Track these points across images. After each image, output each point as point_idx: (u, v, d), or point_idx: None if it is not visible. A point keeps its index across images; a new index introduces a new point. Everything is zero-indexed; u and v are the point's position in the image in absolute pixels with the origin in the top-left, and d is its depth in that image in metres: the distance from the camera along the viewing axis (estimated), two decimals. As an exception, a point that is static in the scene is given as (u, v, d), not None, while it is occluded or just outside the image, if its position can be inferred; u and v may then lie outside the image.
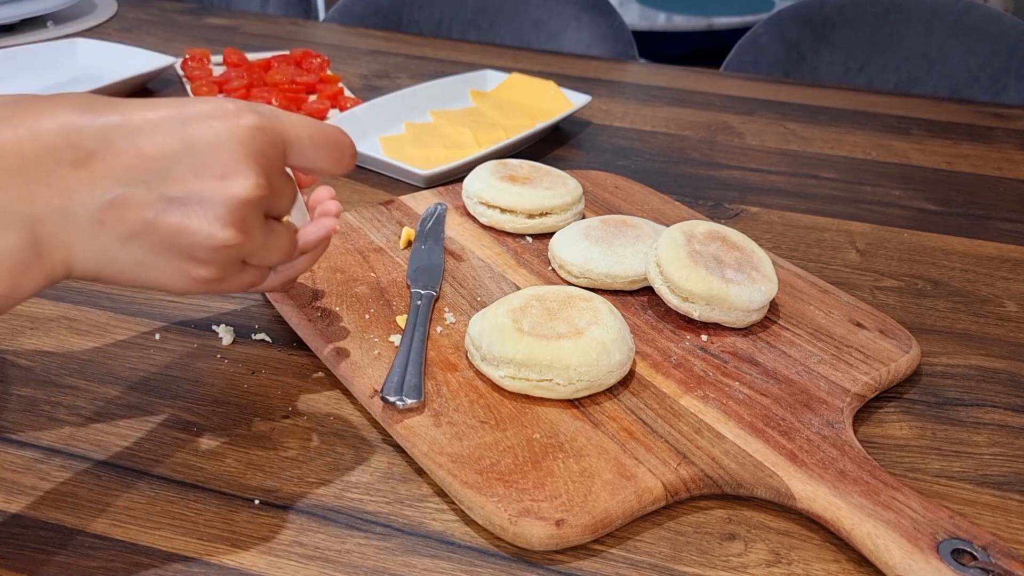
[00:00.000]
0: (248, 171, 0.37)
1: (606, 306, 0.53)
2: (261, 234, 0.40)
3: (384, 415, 0.49)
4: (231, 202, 0.37)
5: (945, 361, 0.60)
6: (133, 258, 0.37)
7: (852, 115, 1.06)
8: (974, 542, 0.41)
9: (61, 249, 0.36)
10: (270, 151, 0.39)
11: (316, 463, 0.48)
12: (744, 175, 0.88)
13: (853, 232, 0.77)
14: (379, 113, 0.90)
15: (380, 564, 0.42)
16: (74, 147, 0.35)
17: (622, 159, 0.90)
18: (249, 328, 0.58)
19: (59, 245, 0.36)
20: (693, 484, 0.46)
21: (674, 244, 0.57)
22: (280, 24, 1.33)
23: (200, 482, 0.46)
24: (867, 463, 0.46)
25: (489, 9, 1.47)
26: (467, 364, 0.53)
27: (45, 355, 0.55)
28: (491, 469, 0.45)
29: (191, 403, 0.51)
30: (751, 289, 0.56)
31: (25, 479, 0.46)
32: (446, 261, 0.64)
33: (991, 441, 0.52)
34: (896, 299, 0.67)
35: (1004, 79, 1.29)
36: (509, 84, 1.01)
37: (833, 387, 0.52)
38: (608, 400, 0.51)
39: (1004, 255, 0.74)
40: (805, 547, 0.44)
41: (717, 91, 1.12)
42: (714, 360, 0.55)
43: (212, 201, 0.37)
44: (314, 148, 0.41)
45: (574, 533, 0.42)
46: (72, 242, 0.36)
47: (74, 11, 1.30)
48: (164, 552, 0.42)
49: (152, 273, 0.38)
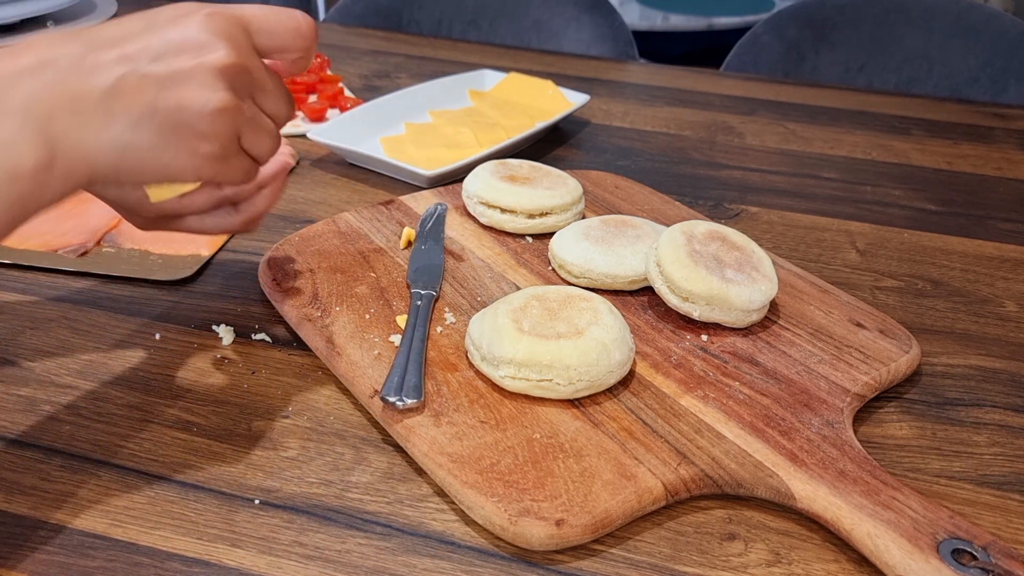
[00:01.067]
0: (220, 42, 0.42)
1: (606, 306, 0.53)
2: (250, 108, 0.44)
3: (384, 415, 0.49)
4: (214, 68, 0.41)
5: (945, 361, 0.60)
6: (146, 141, 0.40)
7: (852, 115, 1.06)
8: (974, 542, 0.41)
9: (77, 144, 0.39)
10: (233, 29, 0.43)
11: (316, 463, 0.48)
12: (744, 175, 0.88)
13: (853, 232, 0.77)
14: (379, 113, 0.90)
15: (380, 564, 0.42)
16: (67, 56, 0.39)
17: (622, 159, 0.90)
18: (249, 328, 0.58)
19: (74, 140, 0.39)
20: (693, 484, 0.46)
21: (674, 244, 0.57)
22: (280, 24, 1.33)
23: (200, 482, 0.46)
24: (867, 463, 0.46)
25: (489, 9, 1.47)
26: (467, 364, 0.53)
27: (45, 355, 0.55)
28: (491, 469, 0.45)
29: (191, 403, 0.51)
30: (751, 289, 0.56)
31: (25, 479, 0.46)
32: (446, 261, 0.64)
33: (991, 441, 0.52)
34: (896, 299, 0.67)
35: (1004, 79, 1.29)
36: (507, 84, 1.01)
37: (833, 387, 0.52)
38: (608, 400, 0.51)
39: (1004, 255, 0.74)
40: (805, 547, 0.44)
41: (717, 91, 1.12)
42: (714, 360, 0.55)
43: (198, 72, 0.41)
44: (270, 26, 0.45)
45: (574, 533, 0.42)
46: (86, 135, 0.39)
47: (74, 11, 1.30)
48: (164, 552, 0.42)
49: (165, 155, 0.41)
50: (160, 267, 0.64)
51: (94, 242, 0.66)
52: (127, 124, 0.40)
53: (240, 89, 0.43)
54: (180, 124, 0.41)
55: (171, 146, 0.41)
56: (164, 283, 0.63)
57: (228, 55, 0.42)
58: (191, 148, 0.42)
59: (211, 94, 0.41)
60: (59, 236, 0.66)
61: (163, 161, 0.42)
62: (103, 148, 0.40)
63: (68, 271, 0.63)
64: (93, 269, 0.63)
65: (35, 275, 0.63)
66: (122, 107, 0.40)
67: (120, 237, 0.67)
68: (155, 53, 0.41)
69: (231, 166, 0.45)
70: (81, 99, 0.39)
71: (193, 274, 0.64)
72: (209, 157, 0.43)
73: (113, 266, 0.64)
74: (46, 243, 0.66)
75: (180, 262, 0.64)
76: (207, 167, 0.43)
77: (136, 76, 0.40)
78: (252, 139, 0.45)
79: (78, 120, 0.39)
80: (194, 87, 0.41)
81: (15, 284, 0.62)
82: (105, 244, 0.66)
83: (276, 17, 0.45)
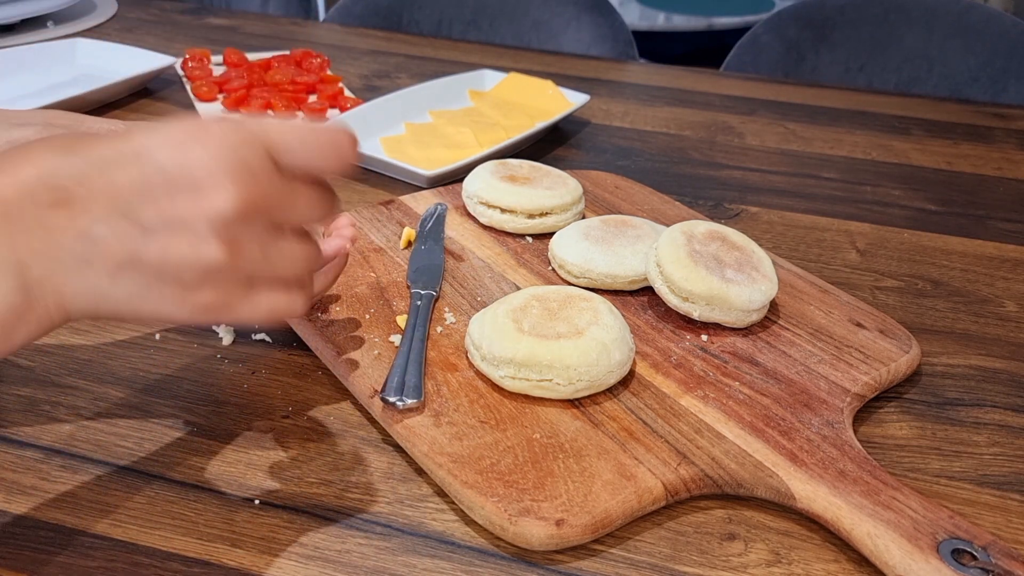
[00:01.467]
0: (225, 182, 0.35)
1: (606, 306, 0.53)
2: (260, 248, 0.37)
3: (384, 415, 0.49)
4: (211, 217, 0.35)
5: (945, 361, 0.60)
6: (126, 292, 0.36)
7: (852, 115, 1.06)
8: (974, 542, 0.41)
9: (53, 293, 0.35)
10: (250, 156, 0.36)
11: (316, 463, 0.48)
12: (744, 175, 0.88)
13: (853, 232, 0.77)
14: (379, 113, 0.90)
15: (380, 564, 0.42)
16: (50, 188, 0.34)
17: (622, 159, 0.90)
18: (249, 328, 0.58)
19: (50, 289, 0.35)
20: (693, 484, 0.46)
21: (674, 244, 0.57)
22: (280, 24, 1.33)
23: (200, 482, 0.46)
24: (867, 463, 0.46)
25: (489, 9, 1.47)
26: (467, 364, 0.53)
27: (45, 355, 0.55)
28: (491, 469, 0.45)
29: (191, 403, 0.51)
30: (751, 289, 0.56)
31: (25, 479, 0.46)
32: (446, 261, 0.64)
33: (991, 441, 0.52)
34: (896, 299, 0.67)
35: (1004, 79, 1.29)
36: (507, 84, 1.01)
37: (833, 387, 0.52)
38: (608, 400, 0.51)
39: (1004, 255, 0.74)
40: (805, 547, 0.44)
41: (717, 91, 1.12)
42: (714, 360, 0.55)
43: (191, 221, 0.35)
44: (305, 147, 0.38)
45: (574, 533, 0.42)
46: (62, 284, 0.35)
47: (74, 11, 1.30)
48: (164, 552, 0.42)
49: (149, 304, 0.36)
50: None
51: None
52: (104, 273, 0.35)
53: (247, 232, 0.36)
54: (164, 275, 0.35)
55: (154, 298, 0.36)
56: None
57: (233, 200, 0.35)
58: (179, 298, 0.36)
59: (203, 248, 0.35)
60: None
61: (145, 310, 0.37)
62: (78, 296, 0.35)
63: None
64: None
65: (35, 275, 0.63)
66: (99, 255, 0.35)
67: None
68: (146, 190, 0.35)
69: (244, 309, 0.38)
70: (61, 246, 0.34)
71: (193, 274, 0.64)
72: (203, 307, 0.37)
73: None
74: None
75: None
76: (204, 315, 0.37)
77: (121, 222, 0.34)
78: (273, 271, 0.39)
79: (56, 268, 0.34)
80: (182, 238, 0.35)
81: (15, 284, 0.62)
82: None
83: (311, 135, 0.38)
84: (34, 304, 0.35)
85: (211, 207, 0.35)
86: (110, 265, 0.35)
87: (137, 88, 1.00)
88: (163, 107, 0.98)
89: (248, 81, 0.99)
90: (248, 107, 0.94)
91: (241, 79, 0.99)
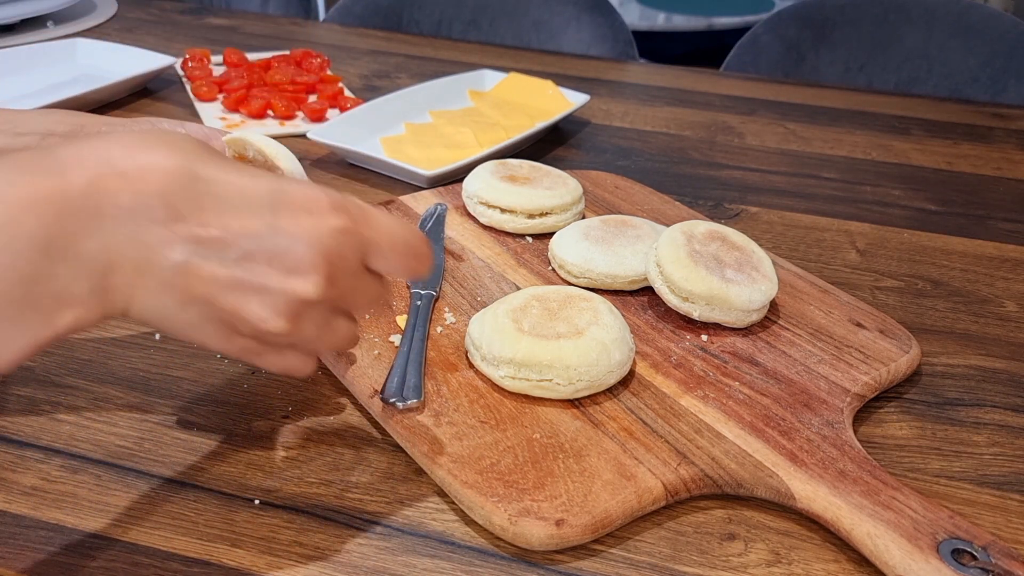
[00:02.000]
0: (317, 272, 0.38)
1: (606, 306, 0.53)
2: (315, 329, 0.40)
3: (384, 415, 0.49)
4: (291, 298, 0.38)
5: (945, 361, 0.60)
6: (188, 320, 0.38)
7: (852, 115, 1.06)
8: (974, 542, 0.41)
9: (124, 298, 0.37)
10: (348, 254, 0.39)
11: (316, 463, 0.48)
12: (744, 175, 0.88)
13: (853, 232, 0.77)
14: (379, 113, 0.90)
15: (380, 564, 0.42)
16: (167, 206, 0.36)
17: (622, 159, 0.90)
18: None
19: (124, 294, 0.36)
20: (693, 484, 0.46)
21: (674, 244, 0.57)
22: (280, 24, 1.33)
23: (200, 482, 0.46)
24: (867, 463, 0.46)
25: (489, 9, 1.47)
26: (467, 364, 0.53)
27: (45, 355, 0.55)
28: (491, 469, 0.45)
29: (191, 403, 0.51)
30: (751, 289, 0.56)
31: (25, 479, 0.46)
32: (446, 261, 0.64)
33: (991, 441, 0.52)
34: (896, 299, 0.67)
35: (1004, 79, 1.29)
36: (507, 84, 1.01)
37: (833, 387, 0.52)
38: (608, 400, 0.51)
39: (1004, 255, 0.74)
40: (805, 547, 0.44)
41: (717, 91, 1.12)
42: (714, 360, 0.55)
43: (273, 292, 0.37)
44: (393, 254, 0.41)
45: (574, 533, 0.42)
46: (136, 294, 0.37)
47: (74, 11, 1.30)
48: (164, 552, 0.42)
49: (200, 334, 0.39)
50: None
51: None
52: (178, 302, 0.37)
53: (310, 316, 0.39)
54: (227, 321, 0.38)
55: (208, 331, 0.39)
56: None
57: (316, 291, 0.38)
58: (227, 339, 0.39)
59: (271, 318, 0.38)
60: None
61: (195, 336, 0.39)
62: (146, 310, 0.37)
63: (68, 271, 0.63)
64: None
65: (35, 275, 0.63)
66: (182, 286, 0.37)
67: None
68: (247, 250, 0.37)
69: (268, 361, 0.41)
70: (151, 262, 0.36)
71: (193, 274, 0.64)
72: (240, 349, 0.40)
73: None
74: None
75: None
76: (237, 355, 0.41)
77: (215, 265, 0.37)
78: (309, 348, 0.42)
79: (137, 280, 0.36)
80: (259, 302, 0.37)
81: (15, 284, 0.62)
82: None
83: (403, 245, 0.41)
84: (105, 305, 0.36)
85: (296, 289, 0.37)
86: (186, 296, 0.37)
87: (137, 88, 1.00)
88: (163, 107, 0.98)
89: (248, 81, 0.99)
90: (248, 107, 0.94)
91: (241, 79, 0.99)
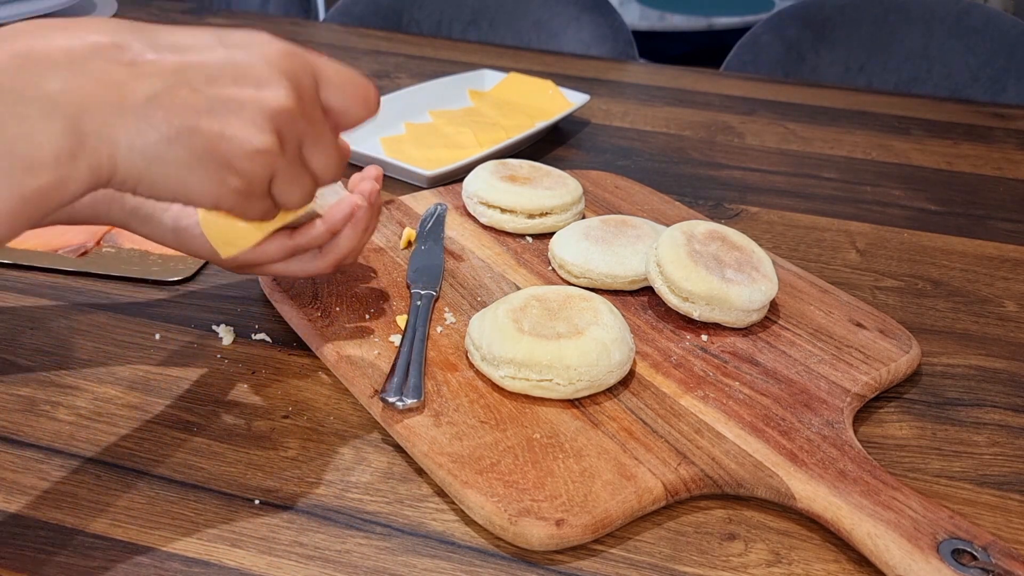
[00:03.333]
0: (282, 83, 0.40)
1: (606, 306, 0.53)
2: (293, 156, 0.42)
3: (384, 415, 0.49)
4: (267, 109, 0.39)
5: (945, 361, 0.60)
6: (176, 158, 0.38)
7: (852, 115, 1.06)
8: (974, 542, 0.41)
9: (107, 143, 0.37)
10: (301, 74, 0.41)
11: (316, 463, 0.48)
12: (744, 175, 0.88)
13: (853, 232, 0.77)
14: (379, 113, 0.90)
15: (380, 564, 0.42)
16: (122, 49, 0.37)
17: (622, 159, 0.90)
18: (249, 328, 0.58)
19: (105, 138, 0.37)
20: (693, 484, 0.46)
21: (674, 244, 0.57)
22: (280, 24, 1.33)
23: (200, 482, 0.46)
24: (867, 463, 0.46)
25: (489, 9, 1.47)
26: (467, 364, 0.53)
27: (45, 355, 0.55)
28: (491, 469, 0.45)
29: (191, 403, 0.51)
30: (751, 289, 0.56)
31: (25, 479, 0.46)
32: (446, 261, 0.64)
33: (991, 441, 0.52)
34: (896, 299, 0.67)
35: (1004, 79, 1.29)
36: (507, 84, 1.01)
37: (833, 387, 0.52)
38: (608, 400, 0.51)
39: (1004, 255, 0.74)
40: (805, 547, 0.44)
41: (717, 91, 1.12)
42: (714, 360, 0.55)
43: (250, 107, 0.39)
44: (341, 85, 0.43)
45: (574, 533, 0.42)
46: (119, 136, 0.37)
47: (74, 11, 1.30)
48: (164, 552, 0.42)
49: (192, 177, 0.39)
50: (160, 267, 0.64)
51: (94, 242, 0.66)
52: (163, 136, 0.38)
53: (288, 135, 0.41)
54: (215, 153, 0.39)
55: (199, 170, 0.39)
56: (164, 283, 0.63)
57: (287, 98, 0.40)
58: (219, 178, 0.40)
59: (256, 133, 0.39)
60: (59, 236, 0.66)
61: (187, 183, 0.40)
62: (132, 153, 0.38)
63: (68, 271, 0.63)
64: (93, 269, 0.63)
65: (35, 275, 0.63)
66: (163, 118, 0.38)
67: (120, 237, 0.67)
68: (214, 73, 0.39)
69: (251, 206, 0.42)
70: (124, 99, 0.37)
71: (193, 274, 0.64)
72: (233, 191, 0.40)
73: (113, 266, 0.64)
74: (46, 243, 0.66)
75: (180, 262, 0.64)
76: (227, 200, 0.41)
77: (186, 91, 0.38)
78: (283, 187, 0.42)
79: (115, 119, 0.37)
80: (241, 121, 0.39)
81: (15, 284, 0.62)
82: (105, 244, 0.66)
83: (349, 78, 0.44)
84: (87, 150, 0.37)
85: (268, 99, 0.39)
86: (169, 128, 0.38)
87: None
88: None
89: (248, 81, 0.98)
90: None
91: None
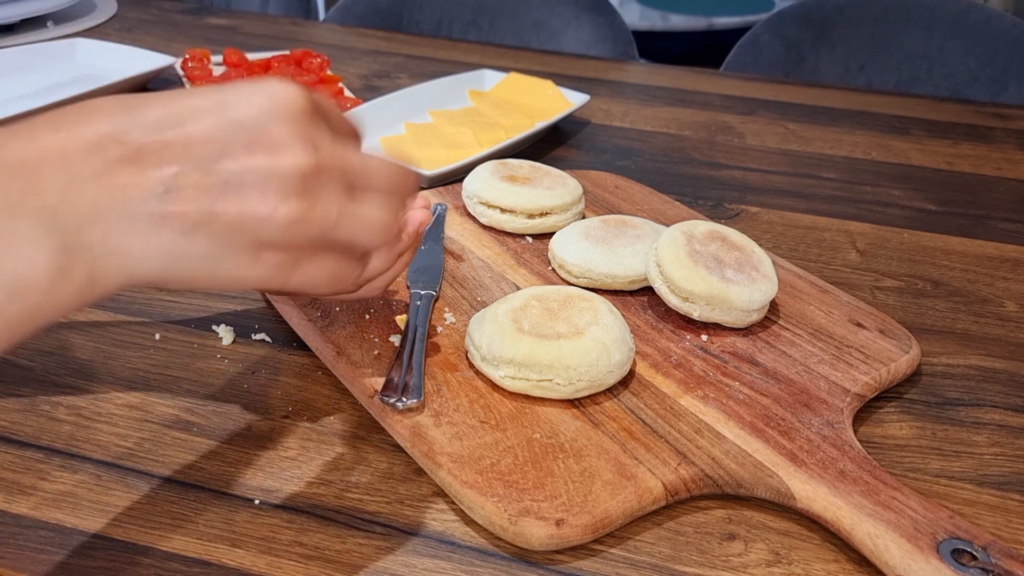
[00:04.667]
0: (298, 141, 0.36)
1: (606, 306, 0.53)
2: (336, 205, 0.37)
3: (384, 415, 0.49)
4: (287, 174, 0.35)
5: (945, 361, 0.60)
6: (199, 251, 0.35)
7: (852, 115, 1.06)
8: (974, 542, 0.41)
9: (116, 253, 0.33)
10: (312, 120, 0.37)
11: (316, 463, 0.48)
12: (744, 175, 0.88)
13: (853, 232, 0.77)
14: (379, 113, 0.90)
15: (380, 564, 0.42)
16: (120, 143, 0.33)
17: (622, 159, 0.90)
18: (249, 328, 0.58)
19: (113, 248, 0.33)
20: (693, 484, 0.46)
21: (674, 244, 0.57)
22: (280, 24, 1.33)
23: (200, 482, 0.46)
24: (867, 463, 0.46)
25: (489, 9, 1.47)
26: (467, 364, 0.53)
27: (45, 355, 0.55)
28: (491, 469, 0.45)
29: (191, 403, 0.51)
30: (751, 289, 0.56)
31: (25, 479, 0.46)
32: (446, 261, 0.64)
33: (991, 441, 0.52)
34: (896, 299, 0.67)
35: (1004, 79, 1.29)
36: (507, 84, 1.01)
37: (833, 387, 0.52)
38: (608, 400, 0.51)
39: (1004, 255, 0.74)
40: (805, 547, 0.44)
41: (717, 91, 1.12)
42: (714, 360, 0.55)
43: (268, 176, 0.35)
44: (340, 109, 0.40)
45: (574, 533, 0.42)
46: (129, 243, 0.34)
47: (74, 11, 1.30)
48: (164, 552, 0.42)
49: (222, 265, 0.36)
50: (160, 267, 0.64)
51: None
52: (179, 232, 0.34)
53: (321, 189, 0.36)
54: (241, 234, 0.35)
55: (229, 257, 0.35)
56: (164, 283, 0.63)
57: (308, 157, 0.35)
58: (253, 259, 0.36)
59: (279, 204, 0.35)
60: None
61: (219, 272, 0.36)
62: (148, 257, 0.34)
63: (68, 271, 0.63)
64: (93, 269, 0.63)
65: (35, 275, 0.63)
66: (176, 214, 0.34)
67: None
68: (222, 143, 0.34)
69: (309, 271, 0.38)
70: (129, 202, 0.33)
71: (193, 274, 0.64)
72: (276, 267, 0.37)
73: (113, 266, 0.64)
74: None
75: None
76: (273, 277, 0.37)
77: (197, 175, 0.34)
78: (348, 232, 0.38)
79: (122, 226, 0.33)
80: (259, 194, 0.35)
81: (15, 284, 0.62)
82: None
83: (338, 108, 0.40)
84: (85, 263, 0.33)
85: (287, 163, 0.35)
86: (186, 223, 0.34)
87: (137, 88, 1.00)
88: (163, 107, 0.98)
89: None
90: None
91: (241, 79, 0.99)
